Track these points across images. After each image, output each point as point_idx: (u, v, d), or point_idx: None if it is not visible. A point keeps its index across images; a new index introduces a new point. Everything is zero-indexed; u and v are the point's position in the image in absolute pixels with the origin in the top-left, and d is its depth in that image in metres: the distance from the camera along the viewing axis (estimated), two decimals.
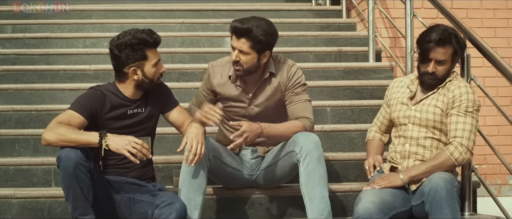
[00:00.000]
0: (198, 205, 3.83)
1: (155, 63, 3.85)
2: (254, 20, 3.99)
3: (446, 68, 3.95)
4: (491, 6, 6.64)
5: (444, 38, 3.90)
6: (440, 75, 3.95)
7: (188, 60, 6.18)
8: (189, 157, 3.74)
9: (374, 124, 4.26)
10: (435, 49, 3.90)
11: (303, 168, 3.82)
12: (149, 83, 3.87)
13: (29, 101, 5.54)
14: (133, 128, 3.86)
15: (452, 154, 3.83)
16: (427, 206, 3.70)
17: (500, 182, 6.54)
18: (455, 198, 3.70)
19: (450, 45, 3.92)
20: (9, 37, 6.64)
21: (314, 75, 5.94)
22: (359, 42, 6.57)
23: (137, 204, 3.77)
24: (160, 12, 7.17)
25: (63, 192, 3.63)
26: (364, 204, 3.73)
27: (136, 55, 3.81)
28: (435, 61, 3.92)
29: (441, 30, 3.93)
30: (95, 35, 6.69)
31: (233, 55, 4.01)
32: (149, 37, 3.81)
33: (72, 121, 3.72)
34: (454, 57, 3.97)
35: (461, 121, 3.87)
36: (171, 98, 4.04)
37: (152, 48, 3.84)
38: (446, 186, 3.67)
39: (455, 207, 3.68)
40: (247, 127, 3.88)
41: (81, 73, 5.94)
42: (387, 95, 4.19)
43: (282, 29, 6.76)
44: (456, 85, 3.95)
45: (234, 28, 3.98)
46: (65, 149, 3.58)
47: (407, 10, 5.59)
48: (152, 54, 3.84)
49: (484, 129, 4.95)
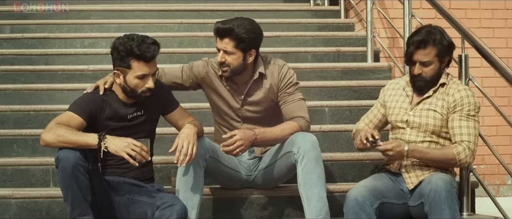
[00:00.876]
0: (196, 205, 3.83)
1: (140, 76, 3.75)
2: (236, 20, 4.01)
3: (433, 69, 3.94)
4: (489, 6, 6.65)
5: (423, 40, 3.90)
6: (428, 77, 3.95)
7: (186, 60, 6.13)
8: (180, 158, 3.74)
9: (361, 120, 4.26)
10: (416, 51, 3.92)
11: (301, 168, 3.82)
12: (131, 92, 3.81)
13: (27, 101, 5.54)
14: (132, 130, 3.86)
15: (458, 154, 3.83)
16: (426, 207, 3.71)
17: (499, 182, 6.54)
18: (455, 199, 3.71)
19: (432, 46, 3.91)
20: (8, 37, 6.64)
21: (312, 75, 5.94)
22: (357, 43, 6.57)
23: (136, 204, 3.77)
24: (158, 12, 7.17)
25: (62, 193, 3.63)
26: (356, 187, 3.81)
27: (121, 61, 3.77)
28: (419, 63, 3.93)
29: (422, 32, 3.95)
30: (93, 36, 6.69)
31: (218, 57, 4.01)
32: (137, 48, 3.70)
33: (71, 122, 3.71)
34: (441, 58, 3.95)
35: (465, 125, 3.88)
36: (171, 100, 4.03)
37: (139, 60, 3.73)
38: (446, 187, 3.68)
39: (455, 208, 3.69)
40: (241, 135, 3.87)
41: (80, 73, 5.94)
42: (383, 97, 4.18)
43: (281, 29, 6.78)
44: (455, 89, 3.95)
45: (217, 29, 3.99)
46: (63, 149, 3.58)
47: (405, 10, 5.60)
48: (137, 66, 3.74)
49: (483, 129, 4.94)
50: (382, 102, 4.17)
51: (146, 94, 3.81)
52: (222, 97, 4.15)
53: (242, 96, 4.13)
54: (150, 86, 3.78)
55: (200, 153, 3.85)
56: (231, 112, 4.16)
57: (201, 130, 4.01)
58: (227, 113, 4.17)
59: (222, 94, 4.14)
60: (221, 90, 4.14)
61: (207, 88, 4.19)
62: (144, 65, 3.75)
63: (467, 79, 4.31)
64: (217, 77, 4.14)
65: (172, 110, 4.01)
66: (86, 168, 3.59)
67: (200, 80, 4.17)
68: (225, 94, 4.14)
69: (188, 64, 4.21)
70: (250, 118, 4.15)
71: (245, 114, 4.15)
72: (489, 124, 6.39)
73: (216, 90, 4.15)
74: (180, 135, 3.79)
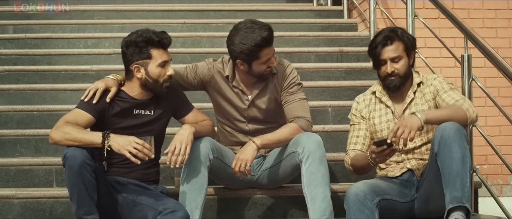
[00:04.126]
0: (199, 205, 3.83)
1: (161, 63, 3.83)
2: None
3: (404, 65, 3.93)
4: (492, 7, 6.64)
5: (388, 36, 3.92)
6: (401, 73, 3.93)
7: (189, 60, 6.17)
8: (172, 159, 3.74)
9: (352, 150, 4.07)
10: (383, 49, 3.91)
11: (305, 168, 3.82)
12: (153, 83, 3.85)
13: (30, 101, 5.55)
14: (138, 128, 3.86)
15: (467, 110, 3.77)
16: (435, 148, 3.65)
17: (502, 182, 6.53)
18: (464, 137, 3.63)
19: (398, 41, 3.92)
20: (11, 37, 6.65)
21: (315, 75, 5.94)
22: (360, 43, 6.57)
23: (138, 207, 3.75)
24: (161, 12, 7.17)
25: (68, 191, 3.63)
26: (356, 184, 3.77)
27: (140, 54, 3.81)
28: (389, 60, 3.92)
29: (384, 31, 3.96)
30: (96, 36, 6.69)
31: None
32: (155, 36, 3.80)
33: (78, 118, 3.73)
34: (408, 52, 3.95)
35: (451, 93, 3.86)
36: (184, 104, 4.03)
37: (158, 48, 3.83)
38: (455, 126, 3.62)
39: (464, 145, 3.61)
40: (240, 153, 3.89)
41: (83, 73, 5.95)
42: (357, 113, 4.10)
43: (284, 30, 6.79)
44: (430, 80, 3.96)
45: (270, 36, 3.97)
46: (71, 147, 3.58)
47: (408, 10, 5.60)
48: (157, 54, 3.82)
49: (486, 129, 4.96)
50: (361, 119, 4.10)
51: (167, 84, 3.87)
52: (227, 99, 4.15)
53: (249, 97, 4.13)
54: (171, 73, 3.86)
55: (204, 153, 3.85)
56: (236, 113, 4.16)
57: (210, 130, 4.01)
58: (231, 114, 4.17)
59: (228, 95, 4.14)
60: (227, 92, 4.14)
61: (212, 90, 4.19)
62: (163, 52, 3.84)
63: (470, 79, 4.30)
64: (223, 79, 4.14)
65: (185, 114, 4.01)
66: (93, 167, 3.59)
67: (206, 82, 4.17)
68: (231, 95, 4.14)
69: (191, 66, 4.20)
70: (256, 117, 4.15)
71: (251, 114, 4.15)
72: (492, 124, 6.39)
73: (222, 92, 4.15)
74: (175, 136, 3.79)
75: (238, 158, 3.87)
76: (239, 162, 3.86)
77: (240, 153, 3.89)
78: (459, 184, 3.57)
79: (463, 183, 3.58)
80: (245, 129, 4.17)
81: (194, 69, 4.17)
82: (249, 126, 4.16)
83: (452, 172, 3.58)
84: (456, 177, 3.58)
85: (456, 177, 3.58)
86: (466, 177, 3.60)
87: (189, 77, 4.16)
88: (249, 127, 4.17)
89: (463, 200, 3.55)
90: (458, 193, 3.56)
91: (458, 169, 3.58)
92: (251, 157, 3.88)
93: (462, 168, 3.59)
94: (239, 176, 3.90)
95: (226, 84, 4.14)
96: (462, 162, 3.59)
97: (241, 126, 4.17)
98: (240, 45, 3.93)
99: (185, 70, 4.18)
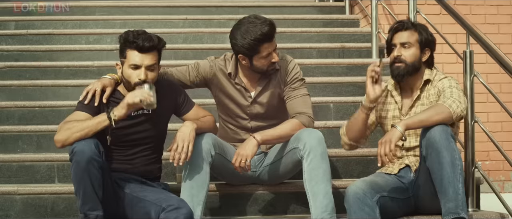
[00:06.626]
0: (201, 201, 3.82)
1: (132, 66, 3.74)
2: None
3: (413, 54, 3.91)
4: (494, 2, 6.64)
5: (402, 23, 3.94)
6: (407, 60, 3.90)
7: (191, 56, 6.18)
8: (175, 157, 3.74)
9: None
10: (397, 33, 3.93)
11: (307, 164, 3.81)
12: (127, 84, 3.81)
13: (32, 97, 5.55)
14: (138, 127, 3.86)
15: (450, 106, 3.69)
16: (423, 151, 3.64)
17: (503, 178, 6.53)
18: (451, 137, 3.57)
19: (414, 30, 3.93)
20: (12, 33, 6.65)
21: (317, 71, 5.94)
22: (362, 39, 6.57)
23: (141, 204, 3.75)
24: (163, 8, 7.18)
25: (74, 186, 3.62)
26: (355, 182, 3.77)
27: (121, 52, 3.80)
28: (399, 44, 3.92)
29: (403, 20, 3.99)
30: (98, 32, 6.69)
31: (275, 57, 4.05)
32: (132, 36, 3.73)
33: (78, 119, 3.72)
34: (421, 45, 3.93)
35: (448, 91, 3.80)
36: (187, 101, 4.00)
37: (133, 49, 3.73)
38: (439, 127, 3.58)
39: (452, 147, 3.55)
40: (240, 149, 3.90)
41: (84, 69, 5.95)
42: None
43: (286, 25, 6.78)
44: (435, 81, 3.93)
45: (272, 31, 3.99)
46: (79, 142, 3.57)
47: (410, 6, 5.60)
48: (131, 56, 3.74)
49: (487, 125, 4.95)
50: None
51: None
52: (230, 96, 4.15)
53: (252, 94, 4.13)
54: (143, 78, 3.72)
55: (206, 149, 3.85)
56: (238, 110, 4.16)
57: (212, 126, 4.01)
58: (234, 111, 4.17)
59: (231, 92, 4.14)
60: (230, 89, 4.14)
61: (214, 88, 4.18)
62: (137, 55, 3.74)
63: (472, 75, 4.29)
64: (225, 76, 4.14)
65: (186, 111, 3.99)
66: (100, 162, 3.59)
67: (208, 80, 4.16)
68: (234, 92, 4.14)
69: (193, 65, 4.20)
70: (258, 114, 4.15)
71: (253, 111, 4.15)
72: (494, 120, 6.39)
73: (224, 89, 4.15)
74: (177, 134, 3.79)
75: (238, 153, 3.88)
76: (239, 158, 3.86)
77: (241, 149, 3.89)
78: (452, 193, 3.55)
79: (456, 190, 3.55)
80: (248, 126, 4.17)
81: (196, 68, 4.17)
82: (252, 123, 4.16)
83: (444, 179, 3.56)
84: (448, 186, 3.55)
85: (448, 185, 3.55)
86: (458, 182, 3.56)
87: (191, 76, 4.16)
88: (251, 124, 4.16)
89: (458, 210, 3.54)
90: (452, 204, 3.54)
91: (448, 176, 3.55)
92: (251, 152, 3.88)
93: (452, 174, 3.55)
94: (239, 172, 3.90)
95: (228, 82, 4.14)
96: (452, 166, 3.56)
97: (244, 123, 4.17)
98: (241, 40, 3.94)
99: (186, 69, 4.18)
